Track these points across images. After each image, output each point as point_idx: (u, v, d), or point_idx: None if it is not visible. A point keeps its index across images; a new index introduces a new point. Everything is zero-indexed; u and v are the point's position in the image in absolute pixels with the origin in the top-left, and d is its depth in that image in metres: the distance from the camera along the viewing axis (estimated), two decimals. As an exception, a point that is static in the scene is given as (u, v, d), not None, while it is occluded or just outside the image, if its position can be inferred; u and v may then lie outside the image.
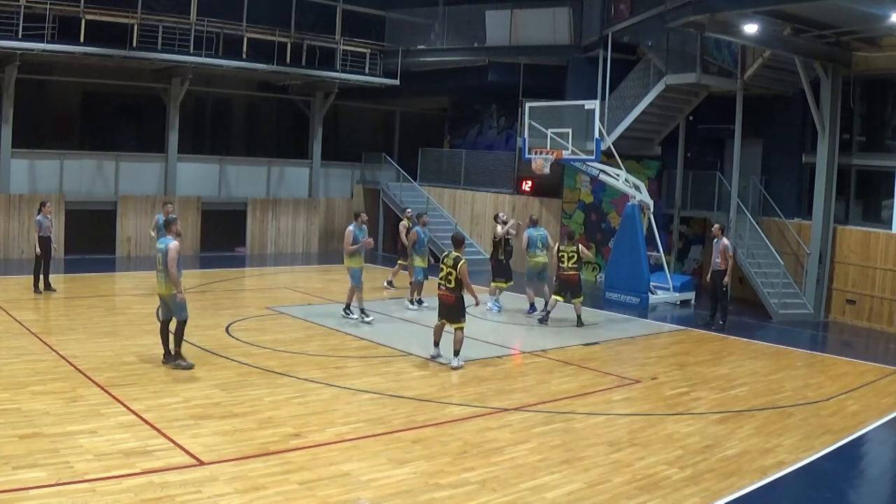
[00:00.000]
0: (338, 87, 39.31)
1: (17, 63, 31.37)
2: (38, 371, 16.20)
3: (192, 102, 37.74)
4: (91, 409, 13.89)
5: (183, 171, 36.70)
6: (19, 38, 30.13)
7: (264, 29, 35.84)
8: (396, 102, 44.38)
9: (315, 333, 21.33)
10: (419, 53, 39.56)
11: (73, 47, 31.27)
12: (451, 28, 38.50)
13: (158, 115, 36.54)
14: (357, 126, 45.75)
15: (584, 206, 33.89)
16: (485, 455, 12.54)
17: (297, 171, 40.61)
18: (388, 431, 13.51)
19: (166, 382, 15.91)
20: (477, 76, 38.45)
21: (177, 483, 10.87)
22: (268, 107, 43.02)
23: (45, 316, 21.87)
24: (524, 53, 36.32)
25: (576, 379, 17.75)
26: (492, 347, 20.44)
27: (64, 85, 35.72)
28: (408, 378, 17.20)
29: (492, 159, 39.02)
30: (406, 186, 40.26)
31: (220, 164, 38.32)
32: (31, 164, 33.43)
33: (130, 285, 28.36)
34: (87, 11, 31.30)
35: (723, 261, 24.14)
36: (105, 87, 35.95)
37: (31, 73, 32.71)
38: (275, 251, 38.92)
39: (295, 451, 12.37)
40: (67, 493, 10.38)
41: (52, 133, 35.59)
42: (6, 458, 11.36)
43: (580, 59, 34.27)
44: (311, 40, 37.31)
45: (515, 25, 36.19)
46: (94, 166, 34.91)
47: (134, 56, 32.62)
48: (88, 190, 34.26)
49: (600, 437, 13.74)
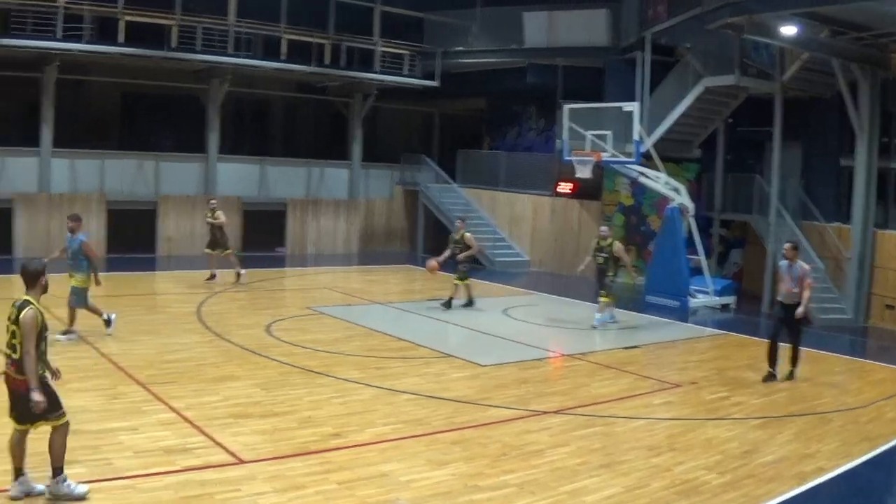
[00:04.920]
0: (376, 88, 39.42)
1: (56, 63, 31.65)
2: (78, 368, 16.26)
3: (231, 103, 37.88)
4: (132, 406, 14.01)
5: (223, 171, 36.84)
6: (59, 38, 30.38)
7: (303, 30, 35.96)
8: (435, 104, 44.42)
9: (355, 334, 21.37)
10: (457, 55, 39.57)
11: (111, 48, 31.52)
12: (489, 30, 38.48)
13: (198, 115, 36.67)
14: (396, 127, 45.77)
15: (623, 208, 33.77)
16: (524, 458, 12.52)
17: (336, 172, 40.63)
18: (428, 432, 13.52)
19: (207, 381, 16.00)
20: (515, 78, 38.43)
21: (216, 481, 10.94)
22: (307, 108, 43.15)
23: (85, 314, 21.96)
24: (562, 55, 36.27)
25: (616, 382, 17.68)
26: (532, 350, 20.41)
27: (103, 85, 35.93)
28: (448, 379, 17.19)
29: (531, 161, 38.92)
30: (445, 188, 40.25)
31: (260, 164, 38.39)
32: (71, 164, 33.62)
33: (171, 284, 28.47)
34: (125, 12, 31.51)
35: (800, 290, 18.25)
36: (144, 88, 36.14)
37: (70, 73, 32.90)
38: (315, 252, 38.95)
39: (334, 451, 12.40)
40: (107, 490, 10.45)
41: (92, 133, 35.70)
42: (47, 455, 11.41)
43: (618, 60, 34.11)
44: (349, 41, 37.39)
45: (553, 27, 36.12)
46: (134, 166, 35.09)
47: (173, 57, 32.86)
48: (129, 190, 34.41)
49: (640, 441, 13.69)
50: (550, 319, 24.03)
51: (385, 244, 41.24)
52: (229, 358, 17.96)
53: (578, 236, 34.50)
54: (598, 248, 23.76)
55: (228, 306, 25.02)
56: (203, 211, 30.14)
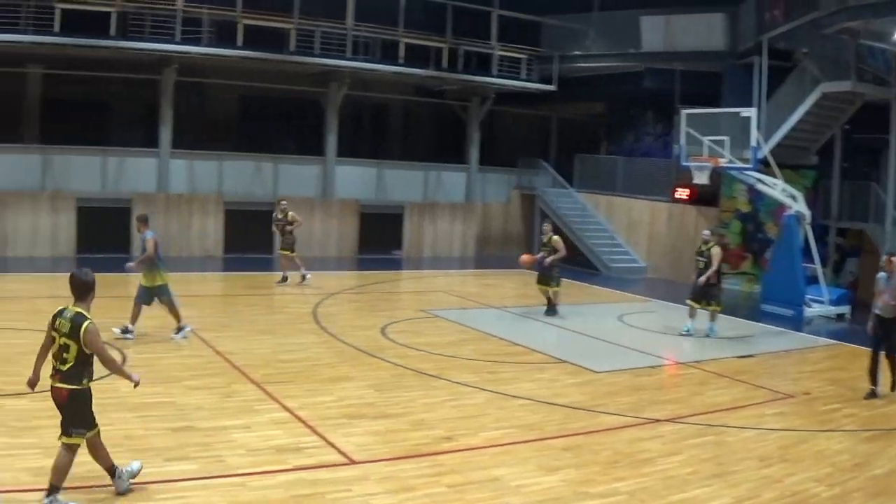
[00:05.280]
0: (494, 92, 39.44)
1: (175, 66, 32.27)
2: (193, 366, 16.70)
3: (349, 106, 38.13)
4: (245, 404, 14.27)
5: (341, 174, 37.15)
6: (177, 41, 31.00)
7: (420, 34, 36.22)
8: (553, 108, 44.30)
9: (470, 337, 21.43)
10: (575, 59, 39.46)
11: (230, 51, 32.07)
12: (606, 33, 38.33)
13: (316, 118, 37.10)
14: (513, 131, 45.67)
15: (741, 215, 33.40)
16: (635, 466, 12.48)
17: (453, 175, 40.74)
18: (540, 438, 13.54)
19: (321, 381, 16.21)
20: (633, 82, 38.22)
21: (327, 481, 11.09)
22: (424, 111, 43.41)
23: (201, 312, 22.30)
24: (679, 59, 35.98)
25: (729, 392, 17.51)
26: (647, 357, 20.31)
27: (222, 88, 36.44)
28: (561, 385, 17.18)
29: (648, 166, 38.66)
30: (562, 193, 40.15)
31: (378, 167, 38.65)
32: (189, 165, 34.25)
33: (288, 285, 28.79)
34: (244, 15, 32.06)
35: None
36: (262, 91, 36.59)
37: (189, 75, 33.51)
38: (431, 255, 39.09)
39: (446, 454, 12.50)
40: (217, 487, 10.69)
41: (210, 135, 36.32)
42: (158, 450, 11.68)
43: (735, 65, 33.77)
44: (467, 45, 37.50)
45: (670, 31, 35.90)
46: (252, 168, 35.60)
47: (291, 60, 33.28)
48: (247, 191, 34.87)
49: (751, 451, 13.55)
50: (665, 327, 23.86)
51: (501, 248, 41.18)
52: (344, 359, 18.17)
53: (695, 243, 34.02)
54: (699, 252, 23.37)
55: (344, 307, 25.29)
56: (273, 213, 29.98)
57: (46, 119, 33.75)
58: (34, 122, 33.88)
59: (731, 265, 32.43)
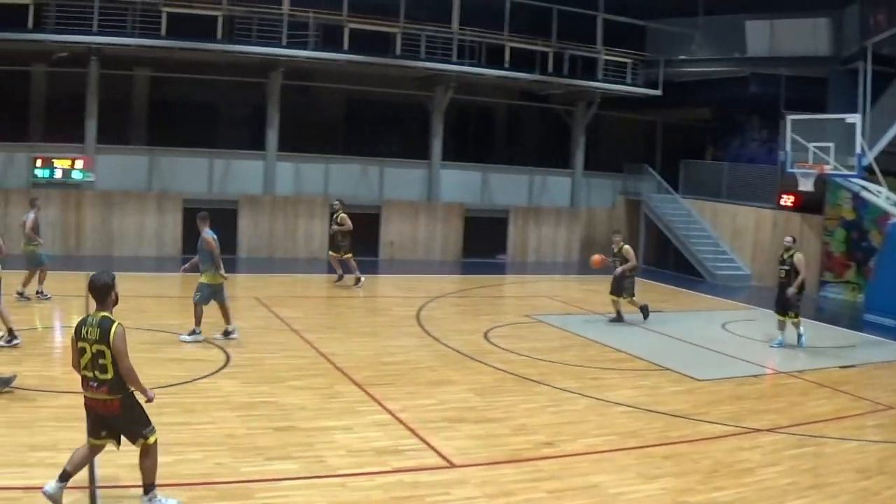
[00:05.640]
0: (599, 96, 39.22)
1: (281, 69, 32.66)
2: (297, 367, 16.81)
3: (454, 110, 38.20)
4: (347, 406, 14.31)
5: (446, 177, 37.26)
6: (284, 45, 31.33)
7: (526, 38, 36.10)
8: (658, 113, 43.91)
9: (573, 343, 21.28)
10: (680, 63, 39.14)
11: (336, 55, 32.35)
12: (711, 38, 37.94)
13: (422, 122, 37.31)
14: (618, 136, 45.35)
15: (846, 223, 32.73)
16: (735, 475, 12.26)
17: (558, 180, 40.55)
18: (640, 446, 13.37)
19: (423, 384, 16.22)
20: (738, 87, 37.75)
21: (426, 484, 11.05)
22: (529, 115, 43.32)
23: (306, 314, 22.45)
24: (784, 65, 35.41)
25: (830, 402, 17.15)
26: (749, 366, 20.01)
27: (328, 91, 36.81)
28: (663, 393, 16.97)
29: (753, 172, 38.07)
30: (667, 198, 39.84)
31: (483, 171, 38.68)
32: (296, 168, 34.60)
33: (392, 288, 28.88)
34: (350, 19, 32.25)
35: None
36: (368, 95, 36.85)
37: (295, 79, 33.88)
38: (535, 259, 38.96)
39: (546, 460, 12.38)
40: (318, 487, 10.72)
41: (316, 138, 36.62)
42: (260, 449, 11.75)
43: (840, 70, 33.26)
44: (572, 49, 37.37)
45: (775, 36, 35.48)
46: (358, 171, 35.82)
47: (397, 64, 33.43)
48: (353, 194, 34.98)
49: (850, 463, 13.24)
50: (768, 335, 23.48)
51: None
52: (446, 362, 18.14)
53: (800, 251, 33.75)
54: (781, 259, 22.43)
55: (447, 311, 25.31)
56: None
57: (153, 121, 34.42)
58: (142, 123, 34.57)
59: (835, 274, 31.92)
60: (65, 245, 30.63)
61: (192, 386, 14.84)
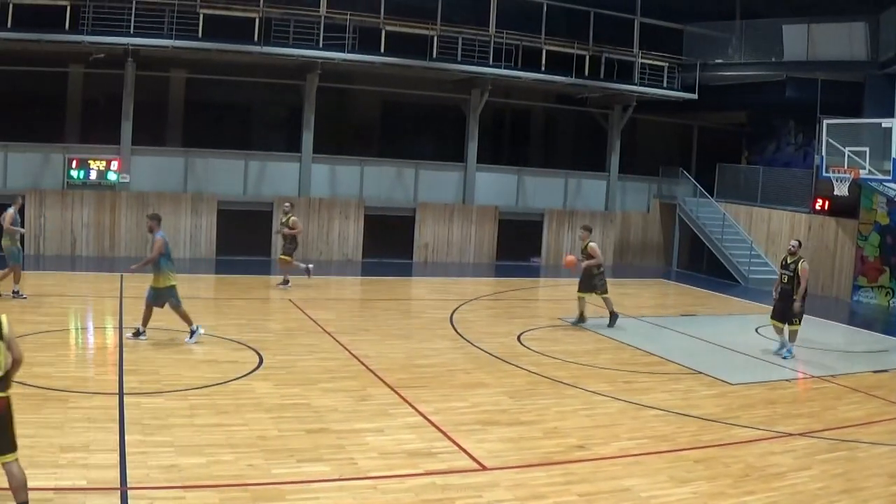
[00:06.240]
0: (636, 100, 39.11)
1: (318, 72, 32.65)
2: (329, 369, 16.87)
3: (490, 113, 38.16)
4: (379, 408, 14.33)
5: (481, 180, 37.22)
6: (320, 47, 31.34)
7: (562, 41, 36.01)
8: (694, 116, 43.73)
9: (606, 346, 21.25)
10: (716, 67, 38.95)
11: (373, 57, 32.33)
12: (748, 42, 37.71)
13: (457, 124, 37.26)
14: (654, 140, 45.19)
15: (880, 228, 32.58)
16: (766, 480, 12.22)
17: (593, 183, 40.45)
18: (672, 449, 13.35)
19: (455, 387, 16.21)
20: (775, 91, 37.53)
21: (458, 486, 11.06)
22: (565, 119, 43.22)
23: (339, 316, 22.51)
24: (821, 69, 35.19)
25: (862, 407, 17.05)
26: (782, 370, 19.90)
27: (364, 94, 36.88)
28: (696, 397, 16.91)
29: (789, 177, 37.86)
30: (703, 202, 39.67)
31: (518, 174, 38.63)
32: (331, 170, 34.60)
33: (426, 290, 28.90)
34: (387, 22, 32.29)
35: None
36: (404, 97, 36.92)
37: (331, 81, 33.89)
38: (570, 263, 38.82)
39: (578, 463, 12.37)
40: (349, 489, 10.74)
41: (352, 140, 36.78)
42: (292, 451, 11.79)
43: (877, 75, 33.05)
44: (609, 53, 37.27)
45: (812, 40, 35.29)
46: (393, 173, 35.83)
47: (433, 67, 33.43)
48: (388, 196, 35.12)
49: (883, 468, 13.20)
50: (801, 339, 23.42)
51: (640, 258, 40.86)
52: (479, 365, 18.14)
53: (834, 256, 33.51)
54: (784, 263, 21.27)
55: (481, 314, 25.30)
56: (284, 215, 29.62)
57: (189, 122, 34.50)
58: (177, 125, 34.68)
59: (869, 278, 31.76)
60: (99, 246, 30.87)
61: (225, 388, 14.88)
